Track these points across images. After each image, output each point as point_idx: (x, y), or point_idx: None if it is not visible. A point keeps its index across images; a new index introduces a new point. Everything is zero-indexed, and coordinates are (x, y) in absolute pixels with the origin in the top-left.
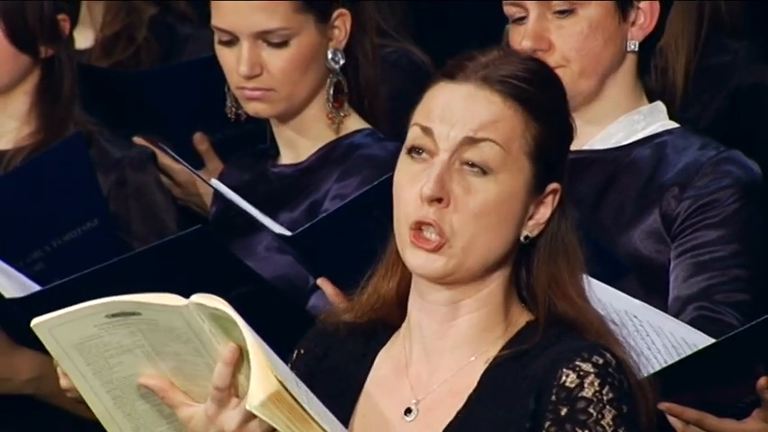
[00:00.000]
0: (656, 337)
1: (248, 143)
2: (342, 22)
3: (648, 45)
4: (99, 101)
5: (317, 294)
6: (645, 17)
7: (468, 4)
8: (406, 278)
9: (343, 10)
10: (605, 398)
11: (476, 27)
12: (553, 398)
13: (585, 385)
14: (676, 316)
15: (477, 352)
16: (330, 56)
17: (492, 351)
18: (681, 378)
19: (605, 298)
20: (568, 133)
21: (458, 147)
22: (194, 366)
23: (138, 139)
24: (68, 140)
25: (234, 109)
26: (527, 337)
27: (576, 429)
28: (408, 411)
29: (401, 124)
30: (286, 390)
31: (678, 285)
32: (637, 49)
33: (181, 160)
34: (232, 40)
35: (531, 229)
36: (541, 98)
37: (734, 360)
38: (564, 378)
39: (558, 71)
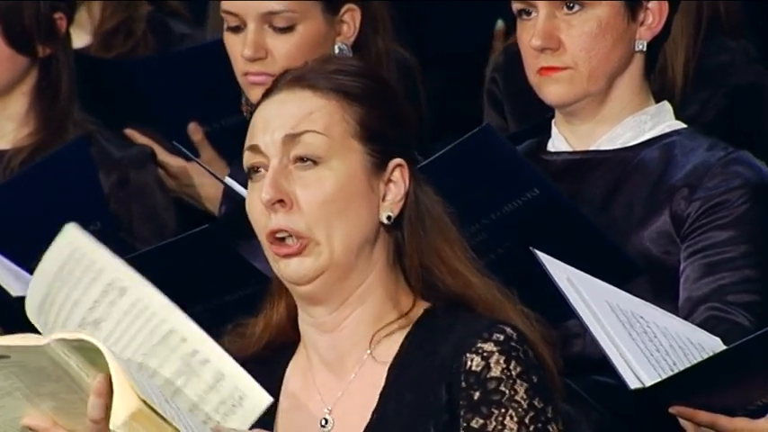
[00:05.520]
0: (663, 338)
1: (243, 134)
2: (350, 18)
3: (655, 45)
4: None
5: None
6: (653, 17)
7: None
8: (292, 300)
9: (352, 5)
10: (514, 373)
11: (462, 27)
12: (463, 384)
13: (492, 365)
14: (688, 316)
15: (374, 343)
16: (336, 51)
17: (392, 344)
18: (693, 382)
19: (611, 299)
20: (401, 110)
21: (282, 148)
22: (72, 404)
23: (130, 131)
24: (72, 144)
25: (250, 108)
26: (426, 325)
27: (493, 410)
28: (324, 422)
29: None
30: (149, 407)
31: (689, 286)
32: (645, 49)
33: (190, 155)
34: (239, 26)
35: (389, 208)
36: (354, 83)
37: (747, 365)
38: (469, 363)
39: (566, 73)
